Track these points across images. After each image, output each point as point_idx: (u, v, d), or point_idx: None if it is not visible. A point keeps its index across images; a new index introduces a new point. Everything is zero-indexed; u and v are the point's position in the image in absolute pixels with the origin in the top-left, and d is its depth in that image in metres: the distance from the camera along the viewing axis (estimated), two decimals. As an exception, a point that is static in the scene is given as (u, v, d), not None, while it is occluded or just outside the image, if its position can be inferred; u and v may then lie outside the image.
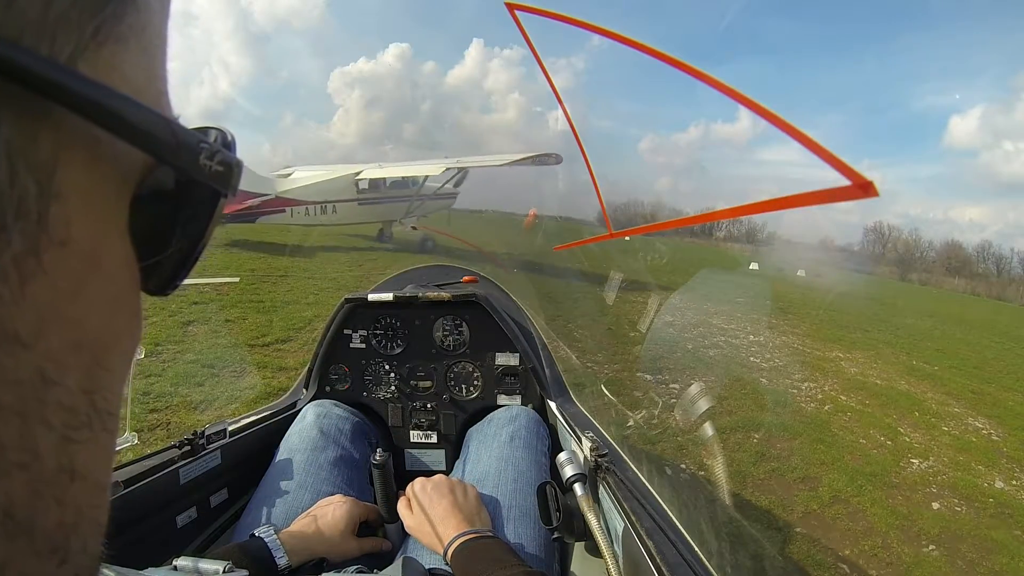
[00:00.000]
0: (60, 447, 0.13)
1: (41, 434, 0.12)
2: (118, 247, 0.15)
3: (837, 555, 2.38)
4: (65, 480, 0.13)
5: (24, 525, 0.12)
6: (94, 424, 0.14)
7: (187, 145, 0.15)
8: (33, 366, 0.12)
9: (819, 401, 4.59)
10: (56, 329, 0.13)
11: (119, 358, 0.15)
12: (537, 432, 1.08)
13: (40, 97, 0.11)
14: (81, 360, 0.14)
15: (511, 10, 0.44)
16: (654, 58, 0.33)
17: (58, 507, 0.13)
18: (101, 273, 0.14)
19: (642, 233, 0.52)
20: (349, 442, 1.06)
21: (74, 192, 0.12)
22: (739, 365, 5.36)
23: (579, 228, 12.86)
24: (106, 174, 0.14)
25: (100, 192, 0.14)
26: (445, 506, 0.80)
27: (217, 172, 0.16)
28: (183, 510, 0.89)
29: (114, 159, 0.14)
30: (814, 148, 0.23)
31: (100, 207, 0.14)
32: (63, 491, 0.13)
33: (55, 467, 0.13)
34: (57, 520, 0.13)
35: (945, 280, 55.38)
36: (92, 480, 0.15)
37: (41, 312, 0.12)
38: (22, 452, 0.12)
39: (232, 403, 3.05)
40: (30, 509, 0.12)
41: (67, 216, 0.12)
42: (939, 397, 5.31)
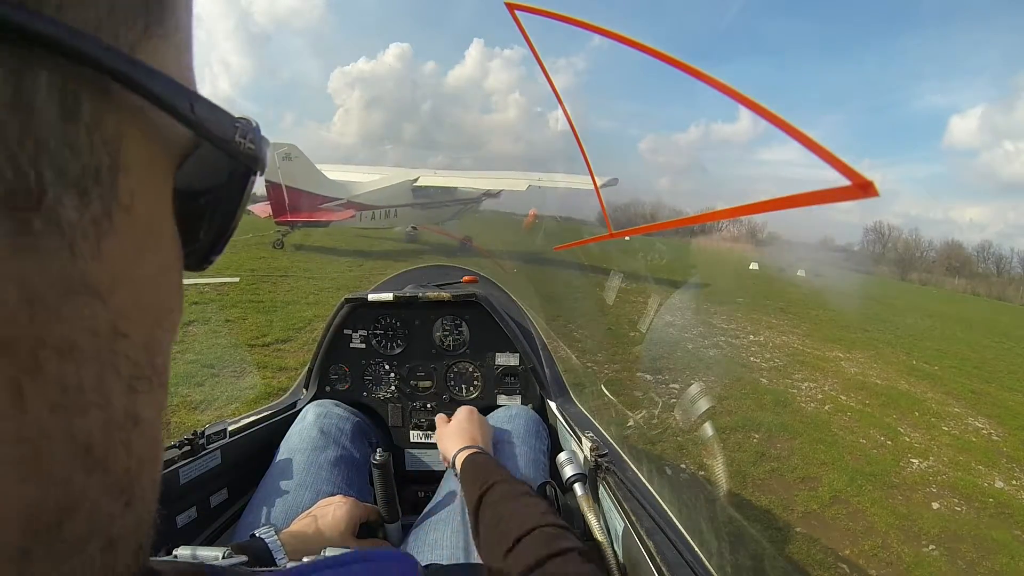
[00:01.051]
0: (127, 395, 0.15)
1: (112, 381, 0.14)
2: (168, 222, 0.17)
3: (837, 555, 2.38)
4: (130, 426, 0.15)
5: (100, 462, 0.14)
6: (153, 379, 0.16)
7: (224, 125, 0.17)
8: (107, 319, 0.14)
9: (819, 401, 4.59)
10: (125, 288, 0.14)
11: (170, 323, 0.18)
12: (536, 432, 1.08)
13: (108, 80, 0.13)
14: (144, 319, 0.16)
15: (511, 10, 0.44)
16: (654, 58, 0.33)
17: (125, 452, 0.15)
18: (157, 242, 0.16)
19: (642, 233, 0.52)
20: (350, 442, 1.06)
21: (136, 166, 0.14)
22: (739, 365, 5.36)
23: (579, 228, 12.86)
24: (157, 153, 0.16)
25: (154, 168, 0.16)
26: (474, 428, 0.95)
27: (249, 150, 0.19)
28: (183, 510, 0.89)
29: (163, 139, 0.16)
30: (814, 148, 0.23)
31: (154, 183, 0.16)
32: (128, 436, 0.15)
33: (123, 412, 0.15)
34: (124, 465, 0.15)
35: (945, 280, 55.40)
36: (150, 432, 0.16)
37: (114, 271, 0.14)
38: (98, 394, 0.14)
39: (232, 403, 3.05)
40: (104, 449, 0.14)
41: (131, 187, 0.14)
42: (939, 397, 5.31)
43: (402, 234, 13.91)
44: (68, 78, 0.12)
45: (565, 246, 10.11)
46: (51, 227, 0.12)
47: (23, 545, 0.12)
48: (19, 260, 0.11)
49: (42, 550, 0.12)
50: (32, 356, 0.12)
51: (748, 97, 0.27)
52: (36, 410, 0.12)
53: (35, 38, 0.11)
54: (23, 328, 0.12)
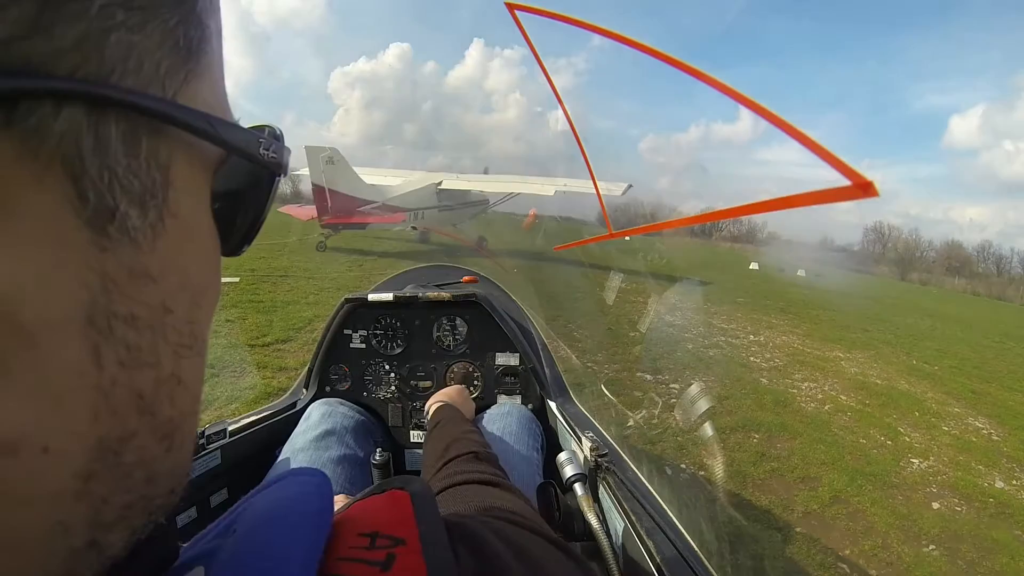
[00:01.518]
0: (173, 359, 0.19)
1: (162, 346, 0.18)
2: (206, 218, 0.21)
3: (837, 555, 2.38)
4: (175, 383, 0.19)
5: (150, 408, 0.18)
6: (193, 347, 0.20)
7: (250, 142, 0.22)
8: (159, 297, 0.18)
9: (819, 401, 4.59)
10: (172, 274, 0.18)
11: (207, 301, 0.21)
12: (528, 429, 1.08)
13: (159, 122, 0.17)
14: (186, 298, 0.19)
15: (511, 10, 0.44)
16: (654, 58, 0.33)
17: (170, 404, 0.19)
18: (197, 238, 0.20)
19: (642, 233, 0.52)
20: (354, 441, 1.06)
21: (181, 180, 0.19)
22: (739, 365, 5.36)
23: (579, 228, 12.86)
24: (197, 167, 0.20)
25: (195, 179, 0.20)
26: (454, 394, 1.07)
27: (273, 159, 0.23)
28: (183, 510, 0.89)
29: (202, 156, 0.20)
30: (814, 148, 0.23)
31: (196, 190, 0.20)
32: (173, 391, 0.19)
33: (169, 372, 0.19)
34: (168, 414, 0.19)
35: (945, 280, 55.39)
36: (192, 391, 0.20)
37: (163, 261, 0.18)
38: (152, 355, 0.18)
39: (232, 403, 3.05)
40: (154, 398, 0.18)
41: (178, 197, 0.18)
42: (939, 397, 5.31)
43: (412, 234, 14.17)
44: (131, 124, 0.16)
45: (565, 246, 10.01)
46: (122, 232, 0.16)
47: (91, 467, 0.16)
48: (100, 256, 0.15)
49: (104, 472, 0.16)
50: (108, 325, 0.16)
51: (748, 97, 0.27)
52: (109, 366, 0.16)
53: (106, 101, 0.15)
54: (102, 305, 0.16)
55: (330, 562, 0.22)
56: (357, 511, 0.27)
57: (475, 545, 0.26)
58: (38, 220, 0.14)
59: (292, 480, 0.26)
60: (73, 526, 0.16)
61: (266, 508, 0.24)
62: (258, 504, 0.25)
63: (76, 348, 0.15)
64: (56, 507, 0.15)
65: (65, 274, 0.14)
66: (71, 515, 0.16)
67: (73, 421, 0.15)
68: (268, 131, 0.24)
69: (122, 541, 0.18)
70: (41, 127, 0.14)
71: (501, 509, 0.46)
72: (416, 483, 0.29)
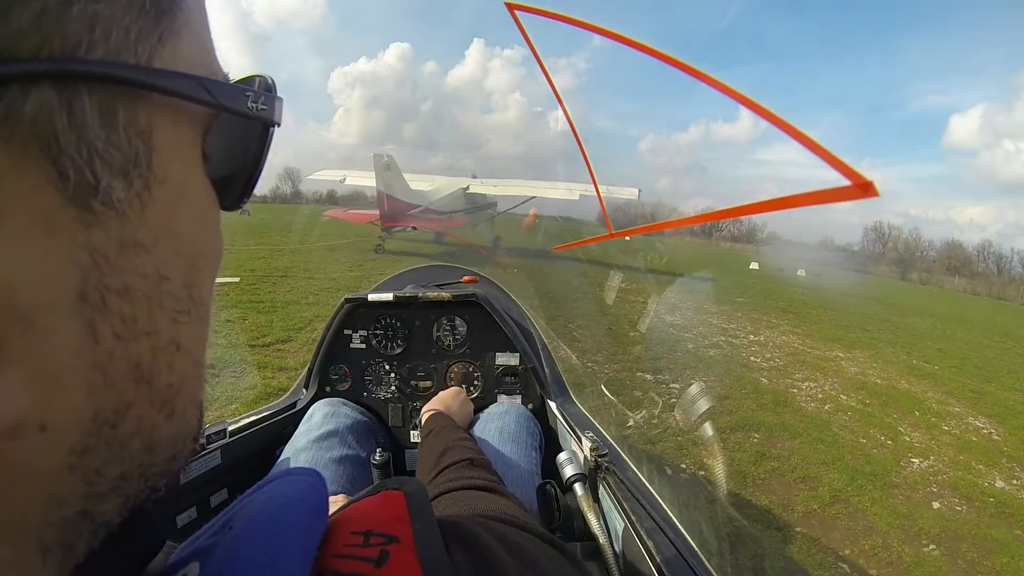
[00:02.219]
0: (171, 326, 0.19)
1: (158, 314, 0.18)
2: (198, 178, 0.21)
3: (837, 555, 2.38)
4: (173, 350, 0.19)
5: (147, 377, 0.18)
6: (192, 312, 0.20)
7: (237, 96, 0.21)
8: (152, 265, 0.18)
9: (819, 400, 4.59)
10: (164, 241, 0.18)
11: (207, 262, 0.21)
12: (527, 428, 1.08)
13: (136, 89, 0.16)
14: (182, 263, 0.19)
15: (511, 10, 0.44)
16: (654, 58, 0.33)
17: (168, 370, 0.19)
18: (188, 200, 0.20)
19: (642, 233, 0.52)
20: (355, 441, 1.06)
21: (166, 145, 0.18)
22: (739, 365, 5.35)
23: (579, 228, 12.83)
24: (184, 128, 0.19)
25: (182, 142, 0.19)
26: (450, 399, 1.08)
27: (263, 111, 0.22)
28: (183, 510, 0.89)
29: (188, 117, 0.19)
30: (814, 148, 0.23)
31: (183, 153, 0.19)
32: (172, 358, 0.19)
33: (167, 340, 0.18)
34: (167, 381, 0.19)
35: (945, 279, 55.38)
36: (192, 355, 0.20)
37: (155, 229, 0.18)
38: (148, 324, 0.18)
39: (232, 403, 3.05)
40: (151, 366, 0.18)
41: (164, 162, 0.18)
42: (939, 396, 5.31)
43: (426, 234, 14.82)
44: (105, 95, 0.16)
45: (565, 246, 10.05)
46: (107, 206, 0.16)
47: (87, 441, 0.16)
48: (87, 232, 0.15)
49: (99, 444, 0.16)
50: (102, 299, 0.16)
51: (748, 97, 0.27)
52: (106, 340, 0.16)
53: (74, 76, 0.14)
54: (94, 280, 0.15)
55: (324, 559, 0.22)
56: (352, 511, 0.27)
57: (469, 542, 0.26)
58: (22, 204, 0.14)
59: (288, 479, 0.26)
60: (66, 498, 0.16)
61: (262, 506, 0.24)
62: (254, 502, 0.25)
63: (72, 326, 0.15)
64: (50, 481, 0.15)
65: (54, 254, 0.14)
66: (64, 488, 0.16)
67: (70, 398, 0.15)
68: (259, 81, 0.24)
69: (115, 509, 0.18)
70: (11, 113, 0.13)
71: (496, 511, 0.47)
72: (411, 483, 0.29)
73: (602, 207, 0.69)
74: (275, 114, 0.23)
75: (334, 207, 14.89)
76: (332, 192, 79.34)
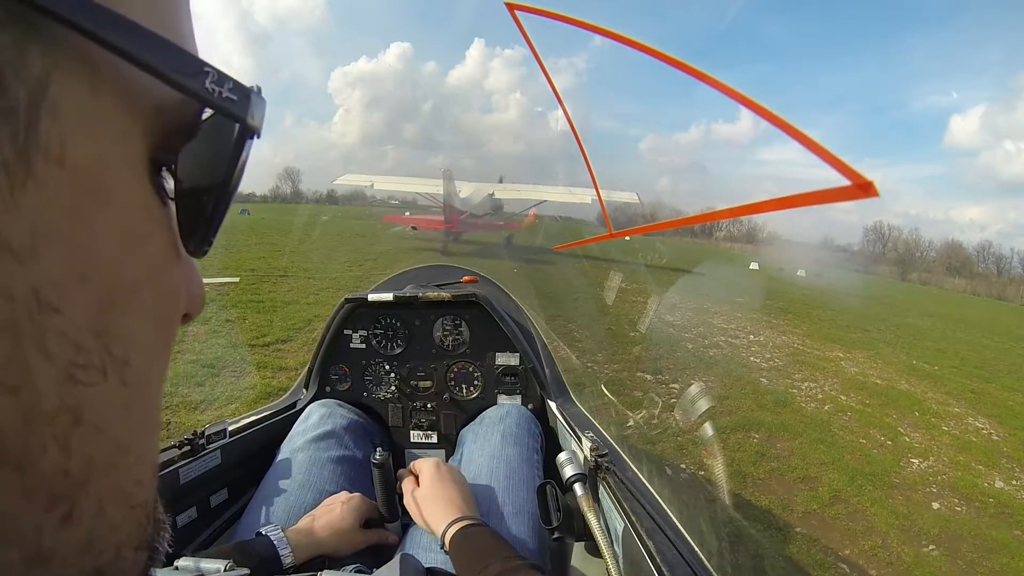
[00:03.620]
0: (62, 384, 0.13)
1: (36, 361, 0.12)
2: (132, 183, 0.15)
3: (837, 555, 2.38)
4: (68, 422, 0.13)
5: (13, 455, 0.12)
6: (108, 372, 0.14)
7: (188, 69, 0.15)
8: (28, 283, 0.12)
9: (819, 401, 4.59)
10: (55, 251, 0.12)
11: (138, 306, 0.15)
12: (528, 429, 1.08)
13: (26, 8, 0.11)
14: (88, 294, 0.13)
15: (511, 10, 0.44)
16: (654, 58, 0.33)
17: (60, 450, 0.13)
18: (110, 205, 0.14)
19: (642, 233, 0.52)
20: (352, 442, 1.06)
21: (72, 113, 0.12)
22: (739, 365, 5.36)
23: (578, 228, 12.88)
24: (108, 102, 0.14)
25: (102, 118, 0.14)
26: (456, 491, 0.83)
27: (229, 100, 0.16)
28: (183, 510, 0.89)
29: (120, 91, 0.14)
30: (814, 148, 0.23)
31: (102, 134, 0.14)
32: (66, 434, 0.13)
33: (56, 404, 0.13)
34: (59, 466, 0.13)
35: (945, 280, 55.38)
36: (108, 435, 0.14)
37: (36, 227, 0.12)
38: (11, 374, 0.11)
39: (232, 403, 3.05)
40: (22, 440, 0.12)
41: (62, 135, 0.12)
42: (939, 397, 5.31)
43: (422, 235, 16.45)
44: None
45: (565, 246, 10.13)
46: None
47: None
48: None
49: None
50: None
51: (748, 97, 0.27)
52: None
53: None
54: None
55: None
56: None
57: None
58: None
59: None
60: None
61: None
62: None
63: None
64: None
65: None
66: None
67: None
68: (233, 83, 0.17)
69: None
70: None
71: None
72: None
73: (602, 207, 0.69)
74: (249, 112, 0.17)
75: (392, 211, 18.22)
76: (332, 192, 79.47)
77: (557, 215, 18.91)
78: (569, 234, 21.00)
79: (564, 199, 16.48)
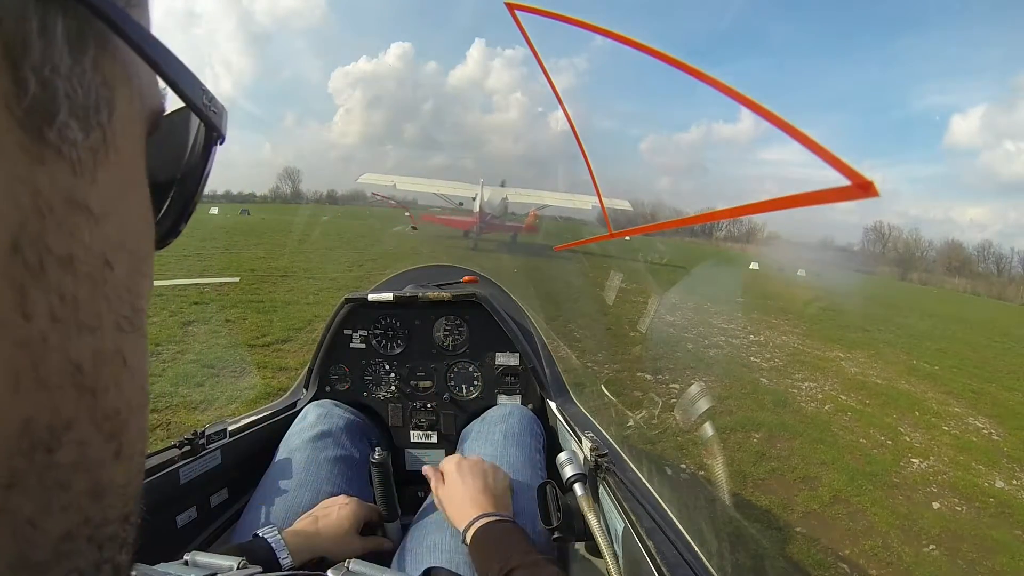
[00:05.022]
0: (115, 331, 0.15)
1: (103, 308, 0.14)
2: (144, 176, 0.18)
3: (837, 555, 2.38)
4: (119, 364, 0.15)
5: (91, 388, 0.14)
6: (135, 322, 0.16)
7: (192, 85, 0.19)
8: (100, 241, 0.14)
9: (819, 401, 4.59)
10: (113, 218, 0.15)
11: (148, 272, 0.18)
12: (530, 430, 1.08)
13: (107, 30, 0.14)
14: (126, 259, 0.16)
15: (511, 10, 0.44)
16: (654, 58, 0.33)
17: (116, 389, 0.15)
18: (138, 192, 0.17)
19: (642, 233, 0.52)
20: (349, 441, 1.06)
21: (123, 115, 0.16)
22: (739, 365, 5.36)
23: (578, 227, 12.96)
24: (137, 110, 0.17)
25: (135, 123, 0.17)
26: (478, 486, 0.82)
27: (214, 114, 0.20)
28: (183, 510, 0.89)
29: (142, 98, 0.17)
30: (814, 148, 0.23)
31: (136, 136, 0.17)
32: (119, 374, 0.15)
33: (112, 347, 0.15)
34: (115, 404, 0.15)
35: (945, 280, 55.39)
36: (138, 377, 0.16)
37: (105, 198, 0.15)
38: (91, 316, 0.14)
39: (232, 403, 3.05)
40: (95, 377, 0.14)
41: (120, 130, 0.15)
42: (939, 397, 5.31)
43: None
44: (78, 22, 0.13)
45: (565, 246, 10.11)
46: (60, 143, 0.13)
47: (13, 464, 0.11)
48: (33, 169, 0.12)
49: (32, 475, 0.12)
50: (39, 261, 0.12)
51: (748, 97, 0.27)
52: (38, 317, 0.12)
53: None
54: (34, 231, 0.12)
55: None
56: None
57: None
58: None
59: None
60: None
61: None
62: None
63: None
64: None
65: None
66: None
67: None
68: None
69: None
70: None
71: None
72: None
73: (602, 207, 0.69)
74: (222, 124, 0.21)
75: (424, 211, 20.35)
76: (332, 192, 79.46)
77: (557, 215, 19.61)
78: (569, 234, 21.18)
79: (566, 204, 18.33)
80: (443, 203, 19.18)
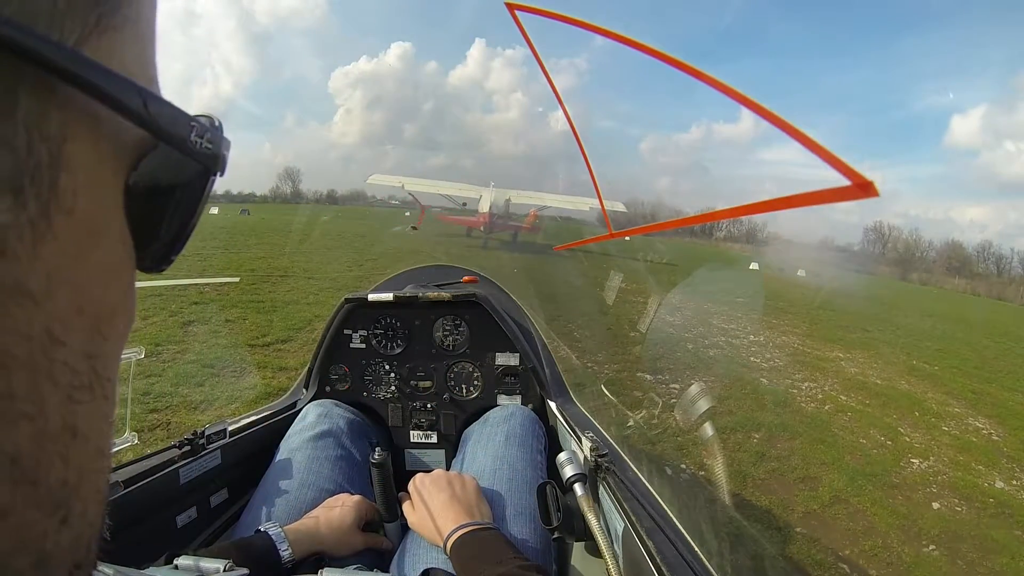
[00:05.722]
0: (64, 405, 0.14)
1: (48, 390, 0.13)
2: (116, 222, 0.16)
3: (837, 555, 2.38)
4: (68, 438, 0.14)
5: (29, 475, 0.13)
6: (95, 388, 0.15)
7: (179, 123, 0.17)
8: (42, 323, 0.13)
9: (819, 401, 4.59)
10: (63, 291, 0.14)
11: (115, 329, 0.17)
12: (532, 431, 1.08)
13: (50, 76, 0.12)
14: (83, 324, 0.15)
15: (511, 10, 0.44)
16: (654, 58, 0.33)
17: (62, 463, 0.14)
18: (101, 245, 0.15)
19: (642, 233, 0.52)
20: (350, 441, 1.06)
21: (81, 166, 0.14)
22: (739, 365, 5.35)
23: (578, 227, 12.98)
24: (107, 152, 0.15)
25: (102, 168, 0.15)
26: (443, 499, 0.81)
27: (207, 150, 0.18)
28: (183, 510, 0.89)
29: (114, 138, 0.15)
30: (814, 148, 0.23)
31: (102, 182, 0.15)
32: (66, 448, 0.14)
33: (59, 424, 0.14)
34: (60, 477, 0.14)
35: (945, 280, 55.39)
36: (93, 443, 0.16)
37: (50, 273, 0.13)
38: (29, 403, 0.13)
39: (232, 403, 3.05)
40: (35, 461, 0.13)
41: (74, 187, 0.14)
42: (939, 397, 5.31)
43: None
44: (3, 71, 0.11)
45: (565, 246, 10.12)
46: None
47: None
48: None
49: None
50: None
51: (748, 97, 0.27)
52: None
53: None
54: None
55: None
56: None
57: None
58: None
59: None
60: None
61: None
62: None
63: None
64: None
65: None
66: None
67: None
68: (206, 121, 0.19)
69: None
70: None
71: None
72: None
73: (602, 207, 0.69)
74: (221, 156, 0.19)
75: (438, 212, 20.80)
76: (332, 192, 79.47)
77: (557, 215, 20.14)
78: (568, 233, 21.28)
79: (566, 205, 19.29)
80: (447, 204, 20.21)
